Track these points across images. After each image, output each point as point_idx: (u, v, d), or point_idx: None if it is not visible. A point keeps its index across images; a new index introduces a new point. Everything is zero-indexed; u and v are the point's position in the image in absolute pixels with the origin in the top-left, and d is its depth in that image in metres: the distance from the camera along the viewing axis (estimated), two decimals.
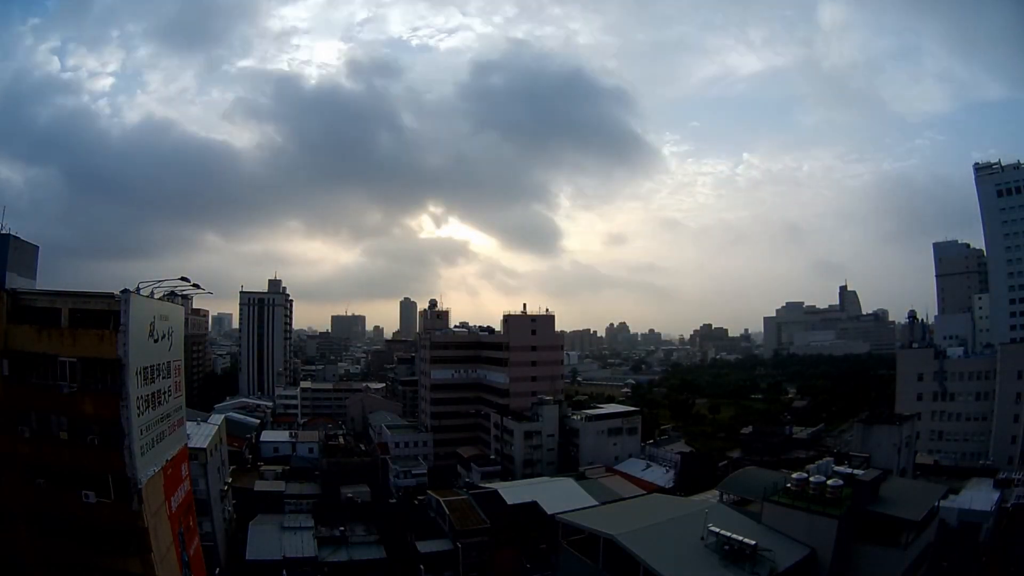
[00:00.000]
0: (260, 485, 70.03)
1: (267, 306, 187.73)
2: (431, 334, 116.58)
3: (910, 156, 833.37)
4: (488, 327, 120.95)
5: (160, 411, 30.92)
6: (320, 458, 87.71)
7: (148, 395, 29.19)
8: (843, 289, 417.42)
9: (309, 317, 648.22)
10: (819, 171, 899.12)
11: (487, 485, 70.97)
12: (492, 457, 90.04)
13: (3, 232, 30.00)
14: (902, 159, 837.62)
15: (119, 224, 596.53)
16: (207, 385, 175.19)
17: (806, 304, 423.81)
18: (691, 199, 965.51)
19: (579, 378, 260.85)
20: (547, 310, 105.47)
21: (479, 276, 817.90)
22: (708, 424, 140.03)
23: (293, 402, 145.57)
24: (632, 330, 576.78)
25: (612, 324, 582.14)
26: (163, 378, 31.55)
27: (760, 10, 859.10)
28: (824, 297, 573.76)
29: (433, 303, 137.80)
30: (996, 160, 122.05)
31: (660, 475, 75.40)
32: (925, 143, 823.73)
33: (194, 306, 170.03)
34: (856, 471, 42.92)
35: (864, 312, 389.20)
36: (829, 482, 39.01)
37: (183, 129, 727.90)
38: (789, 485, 40.57)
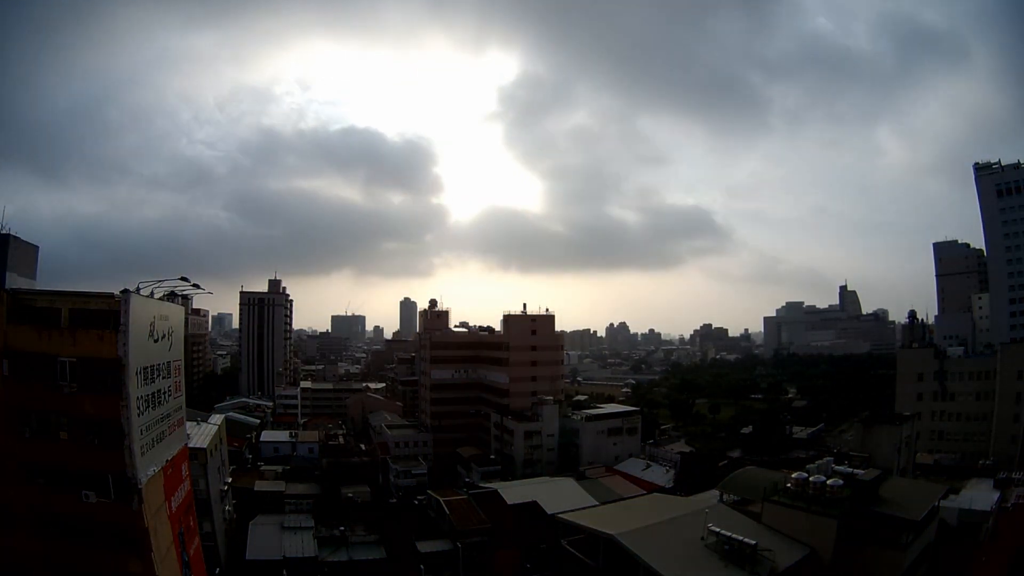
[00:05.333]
0: (260, 485, 69.89)
1: (267, 306, 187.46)
2: (431, 334, 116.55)
3: None
4: (488, 327, 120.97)
5: (160, 411, 30.91)
6: (320, 458, 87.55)
7: (148, 395, 29.18)
8: (843, 289, 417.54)
9: (309, 317, 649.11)
10: None
11: (487, 485, 70.93)
12: (492, 457, 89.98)
13: (3, 232, 30.06)
14: None
15: None
16: (207, 385, 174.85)
17: (806, 304, 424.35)
18: None
19: (579, 378, 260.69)
20: (547, 310, 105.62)
21: None
22: (708, 424, 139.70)
23: (293, 402, 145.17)
24: (632, 330, 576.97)
25: (612, 324, 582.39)
26: (163, 378, 31.54)
27: None
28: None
29: (433, 303, 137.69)
30: (996, 160, 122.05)
31: (660, 475, 75.39)
32: None
33: (194, 306, 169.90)
34: (856, 471, 42.97)
35: (864, 312, 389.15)
36: (829, 482, 39.05)
37: None
38: (789, 485, 40.60)
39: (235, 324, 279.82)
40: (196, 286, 37.95)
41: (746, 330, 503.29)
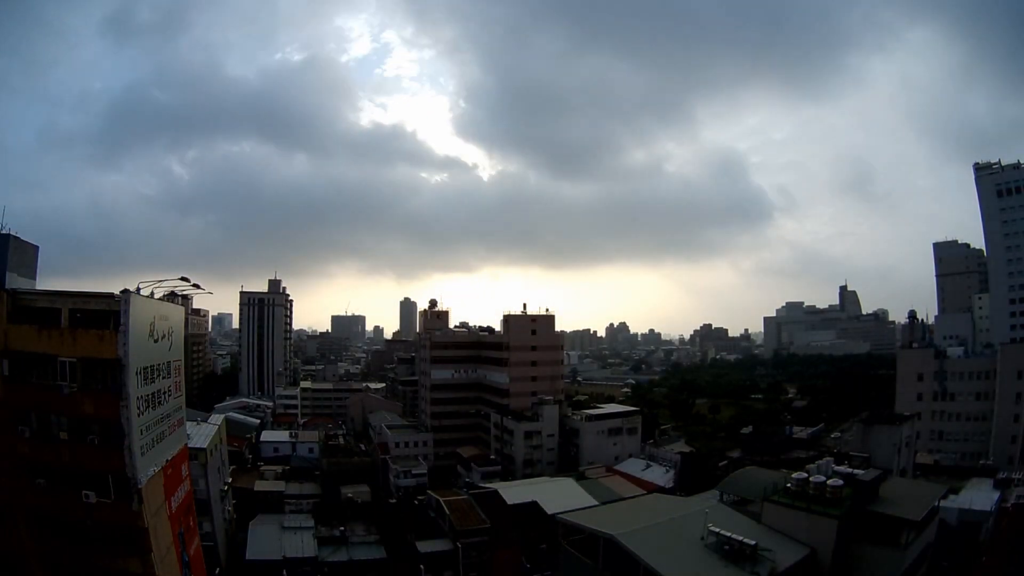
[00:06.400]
0: (260, 485, 70.00)
1: (267, 306, 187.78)
2: (431, 334, 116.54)
3: None
4: (488, 327, 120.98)
5: (160, 411, 30.93)
6: (320, 458, 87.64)
7: (148, 395, 29.19)
8: (843, 289, 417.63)
9: (309, 317, 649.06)
10: None
11: (487, 485, 71.01)
12: (492, 457, 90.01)
13: (3, 232, 30.01)
14: None
15: None
16: (207, 385, 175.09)
17: (806, 304, 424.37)
18: None
19: (579, 378, 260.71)
20: (547, 310, 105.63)
21: None
22: (708, 424, 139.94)
23: (293, 402, 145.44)
24: (632, 330, 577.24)
25: (612, 324, 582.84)
26: (163, 378, 31.55)
27: None
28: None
29: (433, 303, 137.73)
30: (996, 160, 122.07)
31: (660, 475, 75.39)
32: None
33: (194, 306, 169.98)
34: (856, 471, 42.89)
35: (864, 312, 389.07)
36: (829, 482, 38.96)
37: None
38: (789, 485, 40.52)
39: (235, 324, 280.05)
40: (196, 286, 37.96)
41: (746, 330, 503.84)
